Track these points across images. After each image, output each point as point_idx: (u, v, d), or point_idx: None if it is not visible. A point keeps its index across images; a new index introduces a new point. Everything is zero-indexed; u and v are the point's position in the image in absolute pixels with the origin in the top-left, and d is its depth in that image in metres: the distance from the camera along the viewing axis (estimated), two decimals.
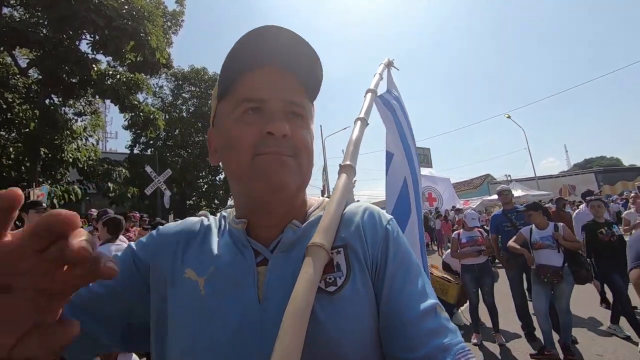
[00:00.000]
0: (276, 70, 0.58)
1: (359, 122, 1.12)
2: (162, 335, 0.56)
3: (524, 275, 4.22)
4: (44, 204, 3.88)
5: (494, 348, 3.88)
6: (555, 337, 3.62)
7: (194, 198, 20.61)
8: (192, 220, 0.67)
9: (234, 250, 0.58)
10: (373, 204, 0.68)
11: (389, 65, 1.84)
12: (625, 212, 5.92)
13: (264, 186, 0.54)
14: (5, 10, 10.87)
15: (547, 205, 6.54)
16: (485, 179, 27.12)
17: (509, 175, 28.48)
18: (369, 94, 1.41)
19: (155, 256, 0.60)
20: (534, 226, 3.75)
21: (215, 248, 0.59)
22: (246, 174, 0.55)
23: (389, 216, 0.65)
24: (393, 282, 0.56)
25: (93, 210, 8.07)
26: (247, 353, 0.49)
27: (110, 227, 3.66)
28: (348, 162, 0.84)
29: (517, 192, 17.79)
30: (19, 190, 0.28)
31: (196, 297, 0.54)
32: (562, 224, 3.70)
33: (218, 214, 0.70)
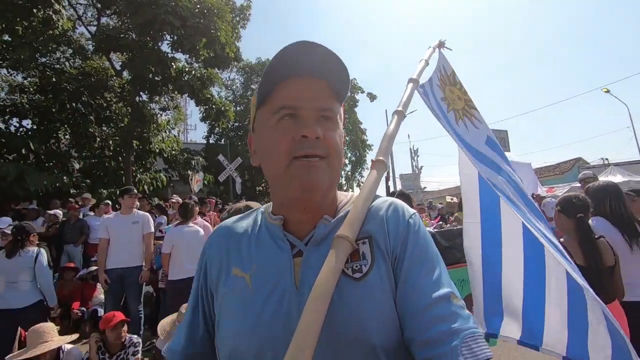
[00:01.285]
0: (309, 79, 0.65)
1: (395, 116, 1.06)
2: (216, 331, 0.66)
3: None
4: (134, 190, 4.43)
5: None
6: None
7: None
8: (232, 220, 0.77)
9: (272, 244, 0.66)
10: (442, 190, 0.69)
11: (440, 46, 1.66)
12: None
13: (298, 187, 0.61)
14: (103, 19, 12.45)
15: None
16: (575, 163, 23.90)
17: (606, 159, 24.75)
18: (410, 84, 1.30)
19: (210, 262, 0.72)
20: None
21: (255, 245, 0.68)
22: (283, 176, 0.62)
23: (413, 211, 0.70)
24: (408, 274, 0.61)
25: (175, 195, 8.99)
26: (286, 333, 0.55)
27: (181, 212, 4.13)
28: (381, 158, 0.85)
29: (616, 178, 15.35)
30: None
31: (245, 292, 0.63)
32: None
33: (256, 210, 0.78)
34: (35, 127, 10.78)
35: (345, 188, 23.67)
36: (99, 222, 6.17)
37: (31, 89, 10.85)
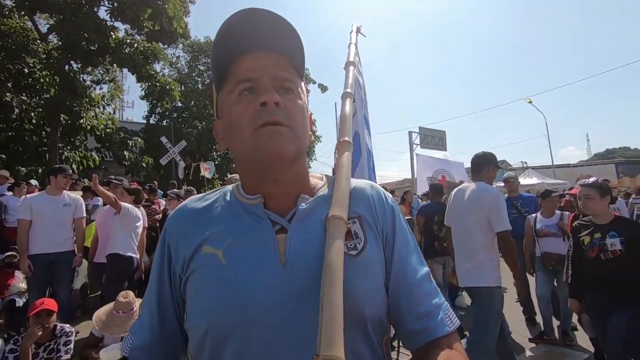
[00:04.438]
0: (263, 53, 0.63)
1: (347, 98, 1.07)
2: (187, 312, 0.62)
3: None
4: (70, 170, 4.04)
5: None
6: (555, 323, 3.68)
7: None
8: (195, 199, 0.73)
9: (250, 222, 0.64)
10: (385, 184, 0.76)
11: (358, 31, 1.76)
12: None
13: (265, 156, 0.60)
14: None
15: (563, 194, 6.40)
16: (500, 164, 26.47)
17: (525, 162, 27.83)
18: (351, 67, 1.35)
19: (174, 242, 0.66)
20: (539, 214, 3.77)
21: (228, 222, 0.65)
22: (249, 146, 0.60)
23: (390, 194, 0.75)
24: (400, 253, 0.67)
25: (112, 177, 8.30)
26: (274, 311, 0.56)
27: (133, 196, 3.96)
28: (346, 139, 0.86)
29: (532, 180, 17.40)
30: None
31: (217, 268, 0.59)
32: (567, 212, 3.70)
33: (219, 190, 0.74)
34: None
35: None
36: (19, 203, 5.51)
37: None
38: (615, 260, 2.31)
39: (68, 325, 2.67)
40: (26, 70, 10.14)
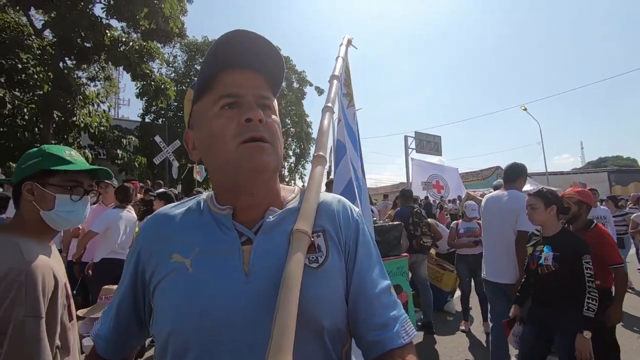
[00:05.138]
0: (247, 70, 0.67)
1: (327, 113, 1.08)
2: (154, 316, 0.64)
3: None
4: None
5: (481, 336, 3.99)
6: None
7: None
8: (170, 207, 0.75)
9: (218, 232, 0.66)
10: (379, 188, 0.75)
11: (349, 44, 1.75)
12: (635, 214, 5.84)
13: (248, 169, 0.62)
14: None
15: None
16: (494, 170, 26.69)
17: None
18: (335, 81, 1.35)
19: (147, 247, 0.69)
20: None
21: (198, 231, 0.67)
22: (233, 159, 0.62)
23: (357, 209, 0.77)
24: (361, 266, 0.69)
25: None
26: (235, 319, 0.58)
27: (119, 195, 3.86)
28: (321, 153, 0.89)
29: (525, 187, 17.53)
30: None
31: (185, 276, 0.62)
32: None
33: (195, 198, 0.76)
34: None
35: (287, 180, 23.63)
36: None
37: None
38: (550, 276, 2.19)
39: None
40: (20, 66, 10.03)
